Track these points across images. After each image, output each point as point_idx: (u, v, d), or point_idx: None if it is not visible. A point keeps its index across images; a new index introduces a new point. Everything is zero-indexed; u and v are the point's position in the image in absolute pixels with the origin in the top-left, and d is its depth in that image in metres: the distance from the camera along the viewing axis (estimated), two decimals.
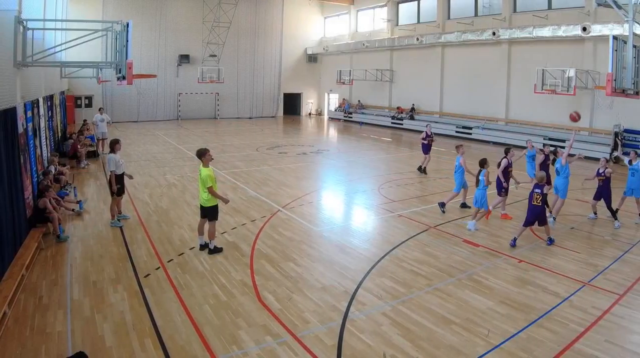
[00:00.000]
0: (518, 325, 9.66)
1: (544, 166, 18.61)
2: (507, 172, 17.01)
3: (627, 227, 16.72)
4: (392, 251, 13.94)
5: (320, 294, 11.00)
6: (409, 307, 10.42)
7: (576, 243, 14.70)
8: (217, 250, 13.56)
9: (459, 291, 11.31)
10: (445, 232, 15.68)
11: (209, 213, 13.52)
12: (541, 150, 19.43)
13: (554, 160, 17.38)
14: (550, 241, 14.54)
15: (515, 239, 14.49)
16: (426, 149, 25.49)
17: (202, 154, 13.40)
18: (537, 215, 14.30)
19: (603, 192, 16.81)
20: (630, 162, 17.93)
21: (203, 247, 13.86)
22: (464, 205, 18.50)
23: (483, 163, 15.99)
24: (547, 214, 15.65)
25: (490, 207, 17.30)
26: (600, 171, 16.80)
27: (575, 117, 22.53)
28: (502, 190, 17.08)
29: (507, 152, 17.37)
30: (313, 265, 12.84)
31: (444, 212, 17.93)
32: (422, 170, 25.43)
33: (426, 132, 25.93)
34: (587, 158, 19.48)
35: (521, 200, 18.81)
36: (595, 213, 17.37)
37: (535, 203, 14.27)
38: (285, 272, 12.27)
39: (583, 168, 23.44)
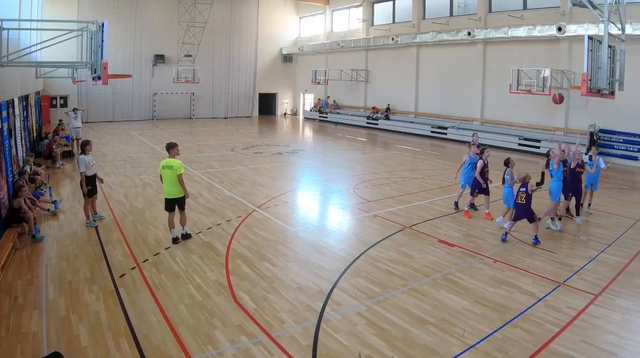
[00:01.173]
0: (493, 325, 9.72)
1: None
2: (484, 173, 17.13)
3: (603, 227, 16.90)
4: (367, 251, 13.99)
5: (295, 294, 11.04)
6: (384, 307, 10.47)
7: (551, 244, 14.78)
8: (188, 236, 14.58)
9: (435, 291, 11.36)
10: (421, 232, 15.74)
11: (180, 203, 14.38)
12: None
13: (547, 163, 17.21)
14: (536, 240, 14.63)
15: (506, 233, 14.93)
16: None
17: (172, 147, 14.31)
18: (522, 212, 14.55)
19: (577, 187, 16.81)
20: (590, 157, 18.21)
21: (176, 240, 14.42)
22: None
23: (507, 162, 16.20)
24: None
25: (466, 207, 17.53)
26: (580, 162, 16.81)
27: (557, 99, 20.72)
28: (476, 191, 17.28)
29: (482, 152, 17.47)
30: (288, 265, 12.89)
31: (476, 209, 18.17)
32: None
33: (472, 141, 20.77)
34: None
35: (497, 199, 19.00)
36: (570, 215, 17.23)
37: (519, 201, 14.53)
38: (261, 272, 12.30)
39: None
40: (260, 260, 13.07)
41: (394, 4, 49.29)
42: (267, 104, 63.42)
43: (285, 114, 64.78)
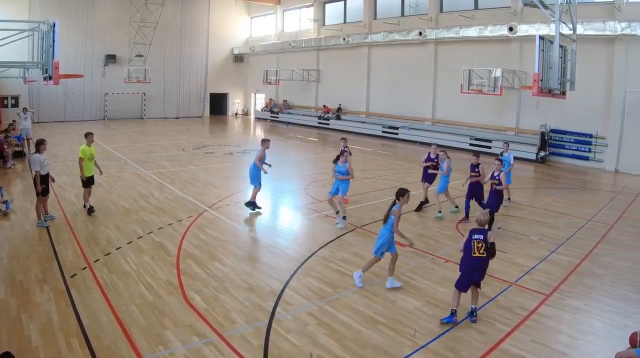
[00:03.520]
0: (444, 325, 9.90)
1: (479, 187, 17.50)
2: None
3: (554, 227, 17.26)
4: (318, 251, 14.14)
5: (246, 294, 11.14)
6: (336, 307, 10.61)
7: (502, 244, 14.65)
8: (90, 210, 17.14)
9: (386, 291, 11.51)
10: (372, 232, 15.76)
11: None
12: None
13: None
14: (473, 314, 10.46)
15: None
16: (426, 175, 19.08)
17: (86, 136, 17.51)
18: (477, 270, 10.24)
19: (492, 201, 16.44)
20: (501, 153, 18.57)
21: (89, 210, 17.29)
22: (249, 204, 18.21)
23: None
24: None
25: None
26: (495, 174, 16.29)
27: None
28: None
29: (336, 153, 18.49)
30: (239, 265, 12.99)
31: (253, 209, 18.06)
32: (420, 205, 19.01)
33: (429, 153, 19.05)
34: (515, 158, 19.96)
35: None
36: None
37: (477, 254, 10.14)
38: (212, 271, 12.40)
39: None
40: (212, 260, 13.17)
41: (345, 4, 49.61)
42: (218, 104, 63.33)
43: (236, 114, 64.74)
